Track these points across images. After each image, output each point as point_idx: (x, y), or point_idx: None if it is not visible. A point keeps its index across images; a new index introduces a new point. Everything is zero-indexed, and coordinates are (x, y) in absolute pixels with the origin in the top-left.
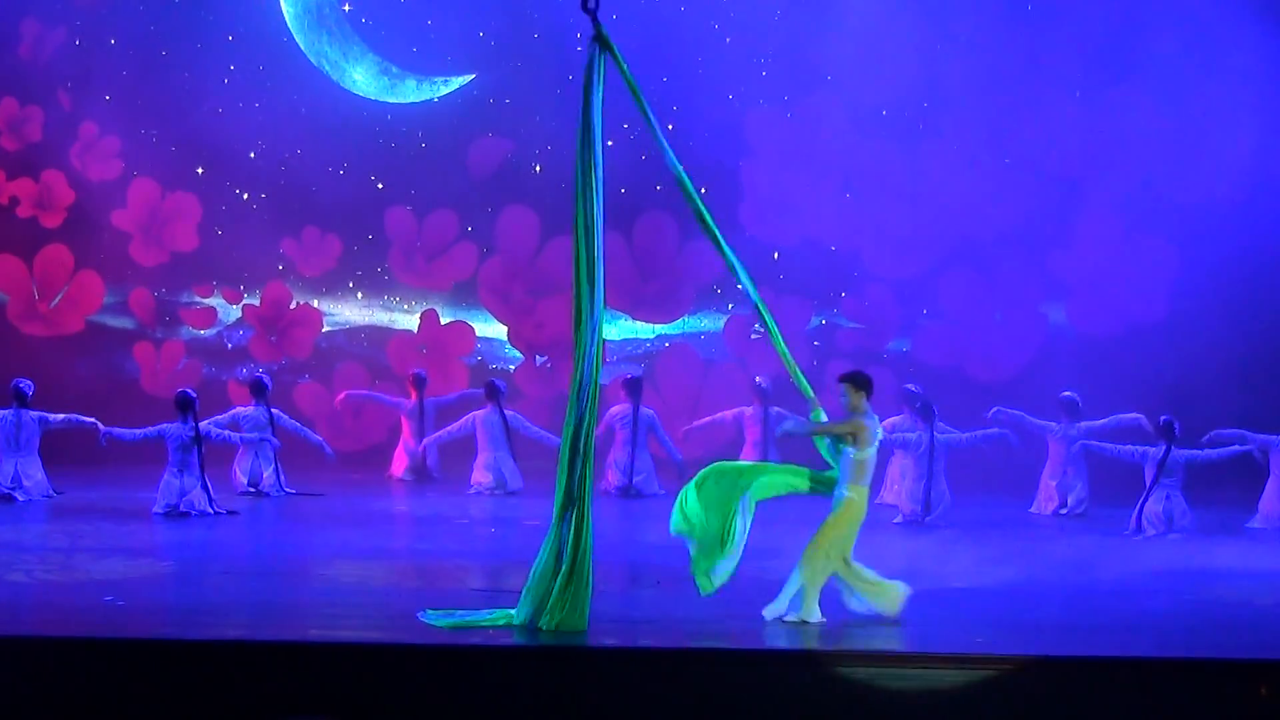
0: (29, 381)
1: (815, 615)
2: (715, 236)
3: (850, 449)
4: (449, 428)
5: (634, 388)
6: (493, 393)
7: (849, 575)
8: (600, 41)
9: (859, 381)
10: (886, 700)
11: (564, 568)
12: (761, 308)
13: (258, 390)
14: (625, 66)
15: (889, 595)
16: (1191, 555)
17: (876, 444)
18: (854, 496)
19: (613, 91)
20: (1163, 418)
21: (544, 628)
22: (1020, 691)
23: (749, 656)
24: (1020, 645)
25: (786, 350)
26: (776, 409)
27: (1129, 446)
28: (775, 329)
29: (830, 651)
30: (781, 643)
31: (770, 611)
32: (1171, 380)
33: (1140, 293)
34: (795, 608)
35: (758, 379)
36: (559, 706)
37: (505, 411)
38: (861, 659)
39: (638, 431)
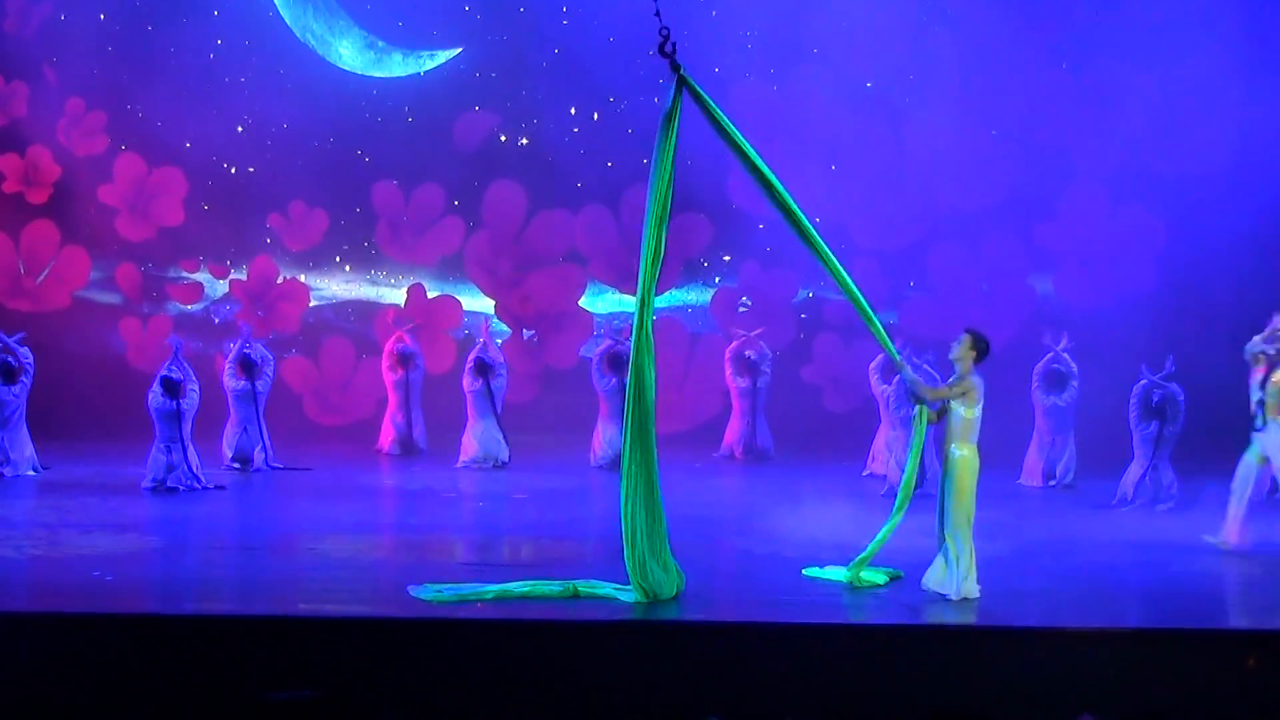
0: (13, 358)
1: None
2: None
3: (960, 408)
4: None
5: (616, 362)
6: (481, 368)
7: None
8: (682, 83)
9: (980, 342)
10: (867, 671)
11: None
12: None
13: (246, 366)
14: (713, 104)
15: (972, 580)
16: (1179, 526)
17: (982, 403)
18: (966, 453)
19: (591, 61)
20: (1155, 397)
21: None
22: (1008, 661)
23: (732, 629)
24: (1008, 617)
25: (879, 325)
26: (764, 380)
27: (1136, 407)
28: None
29: (798, 625)
30: (765, 615)
31: (940, 586)
32: (1159, 353)
33: (1128, 265)
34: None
35: (747, 353)
36: (546, 679)
37: (493, 384)
38: (838, 632)
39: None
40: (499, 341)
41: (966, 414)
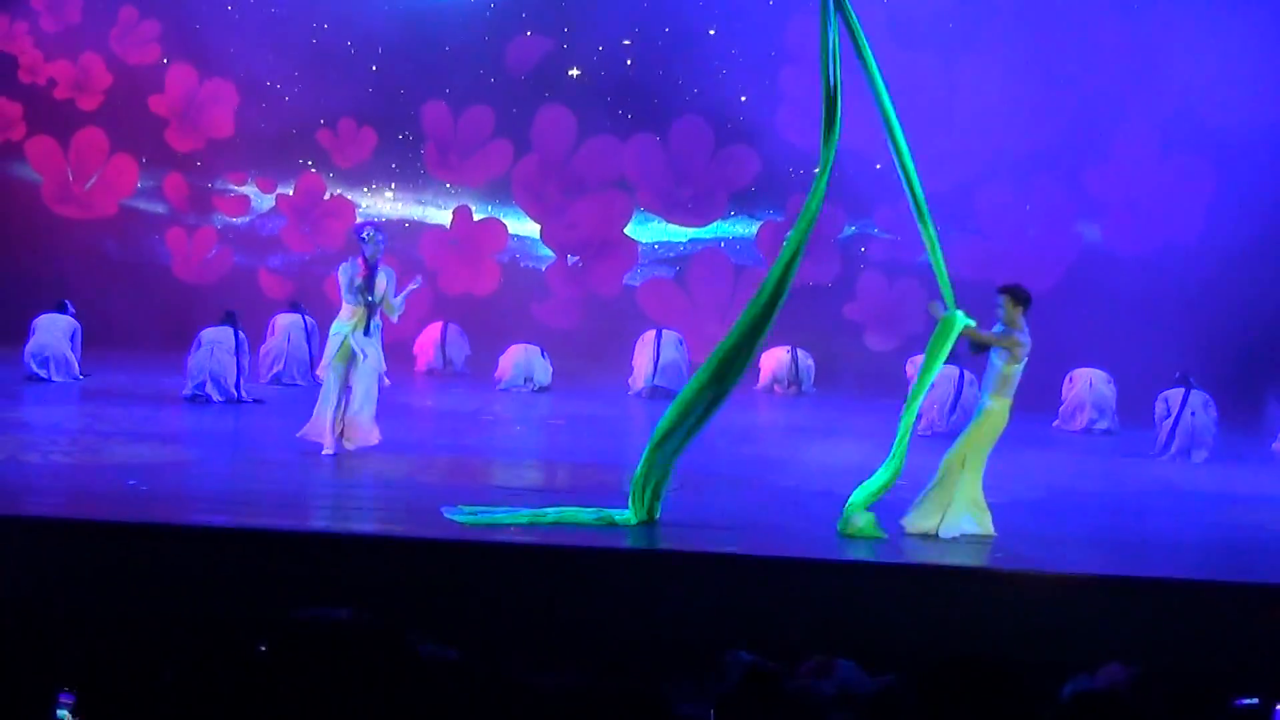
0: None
1: (977, 526)
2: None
3: (999, 361)
4: None
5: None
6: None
7: (967, 489)
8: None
9: (1018, 296)
10: (896, 609)
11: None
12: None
13: (293, 305)
14: (857, 25)
15: (986, 521)
16: (1214, 477)
17: (1025, 360)
18: (995, 407)
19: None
20: (1177, 373)
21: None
22: (1038, 606)
23: (761, 563)
24: (1039, 561)
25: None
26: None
27: (1161, 399)
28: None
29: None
30: (794, 550)
31: (913, 526)
32: (1204, 301)
33: (1176, 212)
34: (959, 525)
35: None
36: (575, 605)
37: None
38: (866, 570)
39: (659, 338)
40: None
41: (1006, 368)
